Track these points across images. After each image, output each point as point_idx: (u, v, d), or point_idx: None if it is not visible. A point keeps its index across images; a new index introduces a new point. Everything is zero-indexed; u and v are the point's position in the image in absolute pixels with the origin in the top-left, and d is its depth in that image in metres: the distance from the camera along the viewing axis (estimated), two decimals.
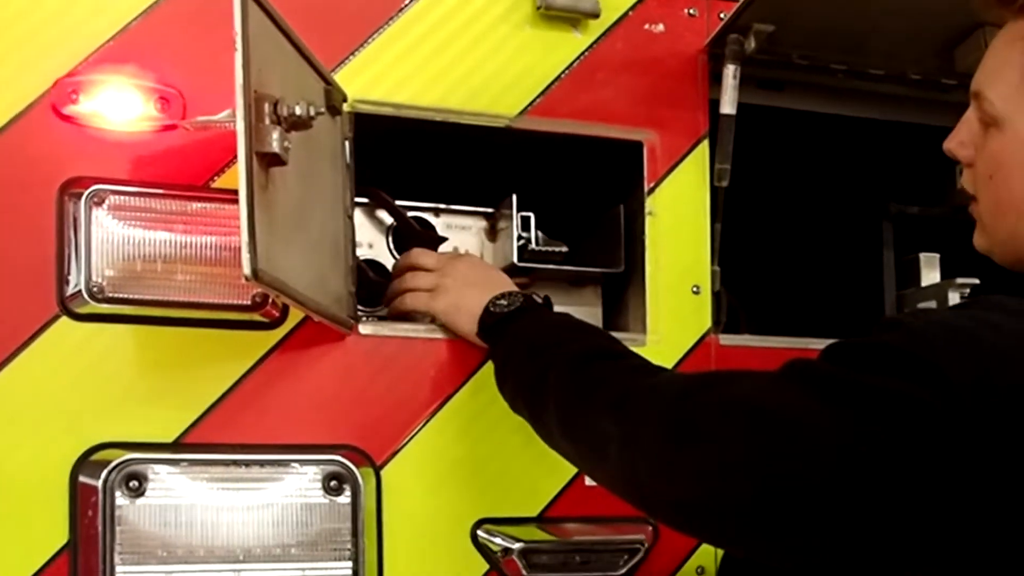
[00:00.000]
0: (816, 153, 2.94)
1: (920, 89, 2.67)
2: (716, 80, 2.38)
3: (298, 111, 1.78)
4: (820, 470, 1.43)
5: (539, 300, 2.10)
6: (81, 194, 1.94)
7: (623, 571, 2.26)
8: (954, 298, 2.65)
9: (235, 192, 1.71)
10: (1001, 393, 1.46)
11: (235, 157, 1.77)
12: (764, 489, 1.46)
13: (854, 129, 2.79)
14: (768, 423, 1.48)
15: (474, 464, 2.21)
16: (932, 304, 2.72)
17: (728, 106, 2.34)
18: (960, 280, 2.69)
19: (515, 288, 2.13)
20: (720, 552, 2.31)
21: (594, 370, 1.77)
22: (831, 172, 3.07)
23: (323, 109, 1.92)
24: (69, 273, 1.96)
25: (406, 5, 2.21)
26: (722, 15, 2.39)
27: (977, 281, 2.67)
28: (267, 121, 1.74)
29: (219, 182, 2.05)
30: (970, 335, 1.53)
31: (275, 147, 1.74)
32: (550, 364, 1.83)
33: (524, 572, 2.18)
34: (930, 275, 2.82)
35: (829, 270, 3.17)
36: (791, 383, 1.53)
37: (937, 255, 2.84)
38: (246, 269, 1.66)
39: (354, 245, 2.23)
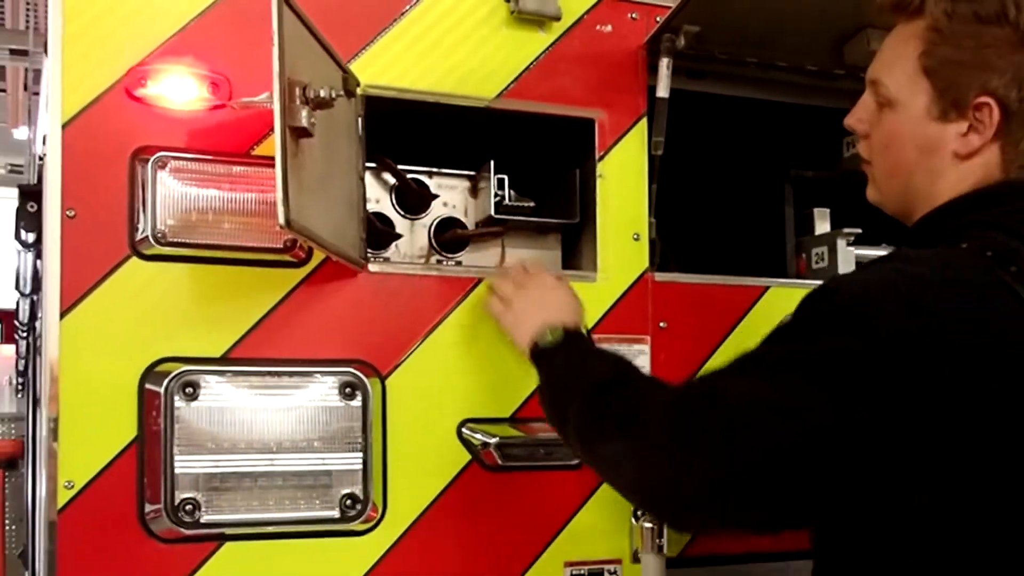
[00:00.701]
0: (732, 128, 2.92)
1: (815, 78, 2.67)
2: (653, 70, 2.38)
3: (322, 94, 1.82)
4: (790, 447, 1.43)
5: (581, 332, 1.99)
6: (148, 159, 2.00)
7: (578, 462, 2.23)
8: (841, 244, 2.65)
9: (271, 158, 1.75)
10: (922, 331, 1.47)
11: (271, 130, 1.80)
12: (758, 477, 1.44)
13: (762, 110, 2.77)
14: (743, 424, 1.46)
15: (460, 375, 2.22)
16: (824, 248, 2.72)
17: (662, 91, 2.35)
18: (846, 230, 2.70)
19: (569, 315, 2.01)
20: None
21: (604, 399, 1.69)
22: (744, 143, 3.05)
23: (341, 92, 1.94)
24: (138, 222, 1.99)
25: (407, 9, 2.22)
26: (658, 19, 2.39)
27: (860, 230, 2.69)
28: (298, 102, 1.78)
29: (258, 150, 2.08)
30: (893, 286, 1.54)
31: (304, 122, 1.78)
32: (571, 399, 1.77)
33: (499, 461, 2.21)
34: (822, 225, 2.83)
35: (742, 221, 3.16)
36: (750, 375, 1.53)
37: (828, 210, 2.86)
38: (280, 219, 1.71)
39: (365, 200, 2.24)
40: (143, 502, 1.97)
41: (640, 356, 2.35)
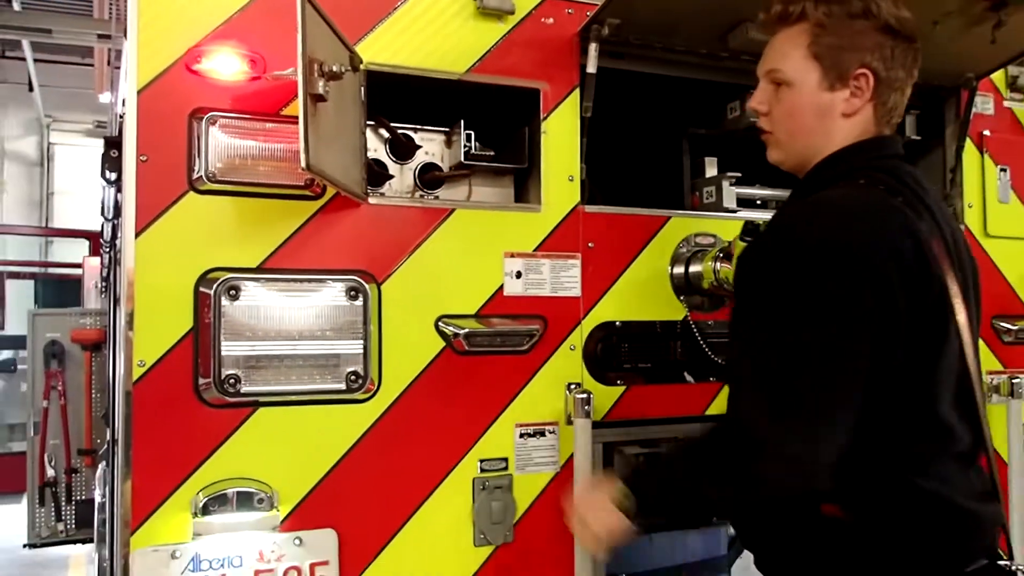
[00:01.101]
0: (644, 96, 2.96)
1: (706, 59, 2.76)
2: (584, 52, 2.48)
3: (335, 69, 1.97)
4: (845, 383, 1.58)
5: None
6: (202, 118, 2.14)
7: (526, 347, 2.41)
8: (726, 184, 2.74)
9: (295, 118, 1.91)
10: (873, 237, 1.62)
11: (295, 96, 1.97)
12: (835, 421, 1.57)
13: (666, 82, 2.82)
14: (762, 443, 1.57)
15: (437, 282, 2.33)
16: (712, 187, 2.80)
17: (591, 68, 2.45)
18: (729, 174, 2.79)
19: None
20: (584, 334, 2.47)
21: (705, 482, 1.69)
22: (652, 108, 3.10)
23: (349, 68, 2.07)
24: (194, 165, 2.13)
25: (399, 5, 2.34)
26: (588, 13, 2.49)
27: (740, 174, 2.79)
28: (316, 75, 1.92)
29: (285, 112, 2.20)
30: (842, 209, 1.67)
31: (320, 90, 1.93)
32: (700, 493, 1.72)
33: (466, 347, 2.33)
34: (711, 170, 2.90)
35: (652, 167, 3.21)
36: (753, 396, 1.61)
37: (715, 158, 2.93)
38: (303, 162, 1.87)
39: (366, 149, 2.34)
40: (197, 377, 2.10)
41: (573, 268, 2.47)
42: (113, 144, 2.81)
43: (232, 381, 2.10)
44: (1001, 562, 1.74)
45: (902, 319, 1.62)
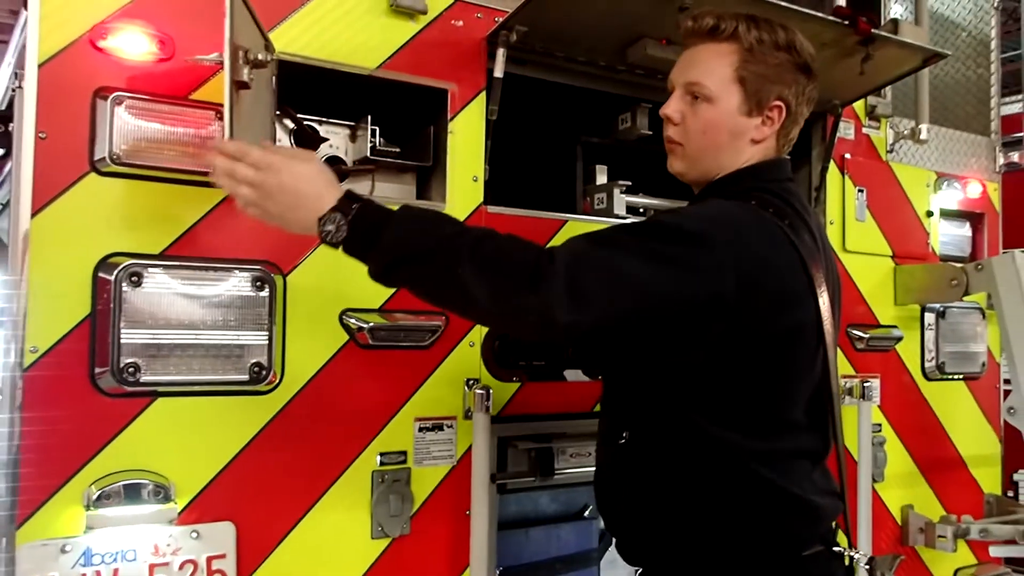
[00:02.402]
0: (543, 102, 3.00)
1: (604, 70, 2.84)
2: (491, 57, 2.54)
3: (259, 57, 1.93)
4: (640, 304, 1.63)
5: (371, 200, 1.71)
6: (108, 97, 2.07)
7: (428, 343, 2.44)
8: (616, 192, 2.84)
9: (205, 102, 1.96)
10: (741, 247, 1.70)
11: (205, 81, 2.02)
12: (616, 319, 1.63)
13: (566, 91, 2.89)
14: (614, 289, 1.61)
15: (342, 276, 2.29)
16: (604, 194, 2.91)
17: (498, 72, 2.51)
18: (621, 182, 2.90)
19: (336, 189, 1.70)
20: (483, 330, 2.51)
21: (497, 259, 1.63)
22: (551, 114, 3.16)
23: (270, 57, 2.05)
24: (97, 146, 2.06)
25: None
26: (496, 19, 2.54)
27: (630, 183, 2.90)
28: (241, 62, 1.88)
29: (195, 96, 2.15)
30: (726, 219, 1.76)
31: (245, 78, 1.89)
32: (452, 264, 1.62)
33: (370, 341, 2.34)
34: (601, 178, 3.02)
35: (549, 172, 3.30)
36: (621, 253, 1.65)
37: (606, 166, 3.04)
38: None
39: (275, 136, 2.31)
40: (93, 365, 2.03)
41: None
42: (1, 119, 2.64)
43: (131, 370, 2.05)
44: (836, 549, 1.87)
45: (765, 323, 1.73)
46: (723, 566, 1.79)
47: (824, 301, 1.80)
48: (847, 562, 1.86)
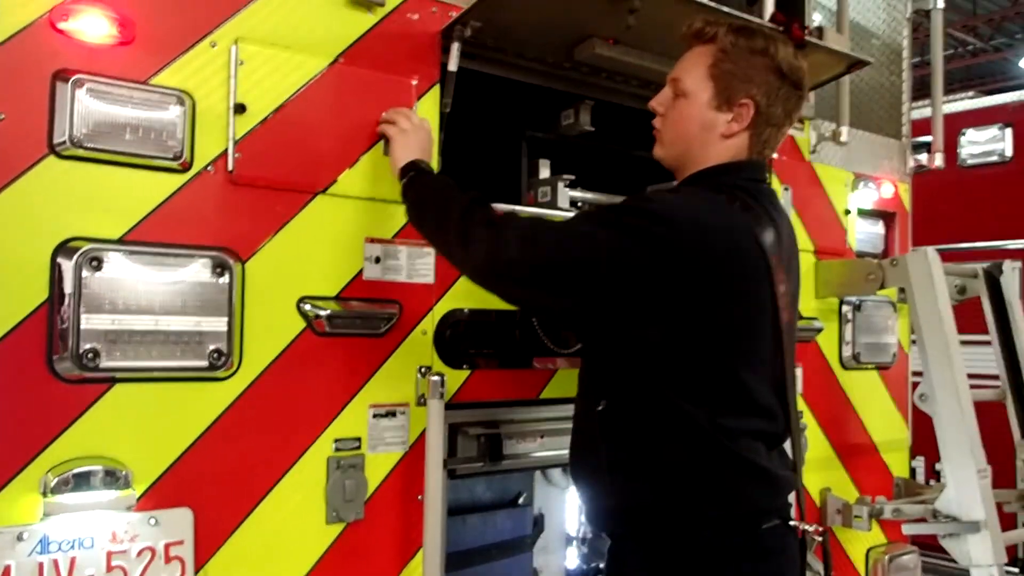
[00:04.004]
0: (493, 97, 3.09)
1: (551, 67, 2.95)
2: (445, 51, 2.60)
3: None
4: (576, 261, 1.90)
5: (431, 169, 2.35)
6: (68, 79, 2.05)
7: (383, 330, 2.49)
8: (560, 186, 2.96)
9: (165, 87, 2.09)
10: (697, 232, 1.89)
11: (167, 64, 2.13)
12: (552, 275, 1.95)
13: (514, 86, 2.98)
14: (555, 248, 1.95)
15: (300, 264, 2.36)
16: (548, 188, 3.01)
17: (452, 66, 2.59)
18: (564, 176, 3.02)
19: (428, 155, 2.38)
20: (436, 319, 2.60)
21: (476, 213, 2.11)
22: (499, 109, 3.24)
23: None
24: (56, 128, 2.05)
25: None
26: (451, 14, 2.61)
27: (573, 177, 3.02)
28: None
29: (155, 80, 2.16)
30: (687, 206, 1.96)
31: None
32: (450, 209, 2.15)
33: (327, 329, 2.38)
34: (544, 172, 3.12)
35: (495, 164, 3.32)
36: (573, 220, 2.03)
37: (549, 161, 3.15)
38: None
39: None
40: (51, 351, 2.02)
41: (427, 256, 2.57)
42: None
43: (91, 355, 2.05)
44: (792, 523, 2.03)
45: (723, 305, 1.89)
46: (687, 536, 1.92)
47: (782, 288, 1.94)
48: (800, 535, 2.01)
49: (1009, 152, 5.98)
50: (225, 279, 2.23)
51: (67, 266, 2.05)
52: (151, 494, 2.15)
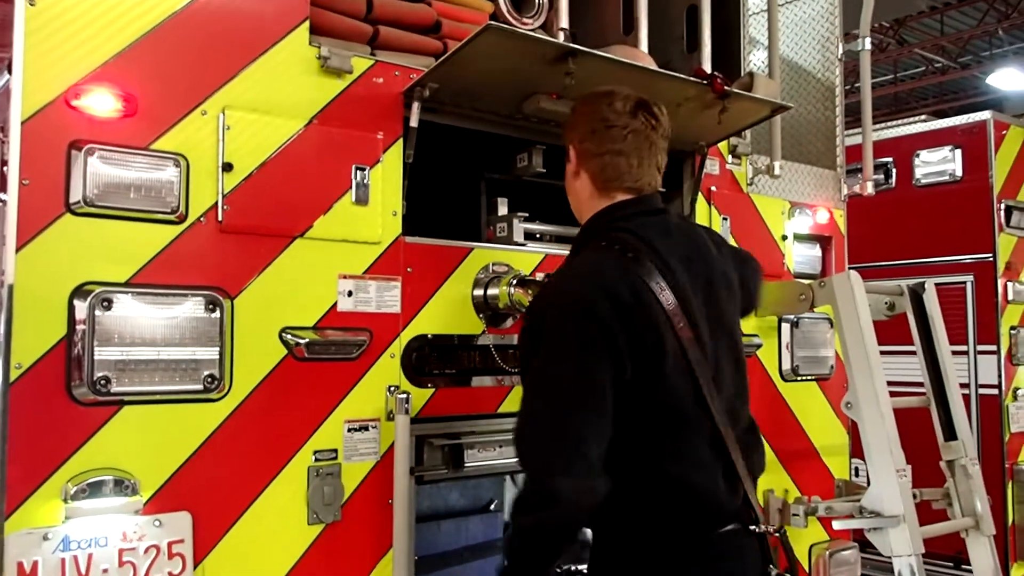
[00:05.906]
0: (454, 145, 3.30)
1: (504, 118, 3.22)
2: (407, 108, 2.87)
3: None
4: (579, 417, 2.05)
5: None
6: (81, 148, 2.35)
7: (355, 355, 2.76)
8: (516, 222, 3.20)
9: (164, 152, 2.35)
10: (609, 300, 2.06)
11: (165, 132, 2.42)
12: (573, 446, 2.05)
13: (472, 135, 3.22)
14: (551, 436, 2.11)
15: (281, 299, 2.63)
16: (505, 224, 3.25)
17: (413, 121, 2.86)
18: (520, 213, 3.27)
19: None
20: (403, 343, 2.86)
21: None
22: (460, 154, 3.47)
23: None
24: (72, 190, 2.33)
25: (256, 58, 2.65)
26: (412, 76, 2.88)
27: (527, 213, 3.25)
28: None
29: (155, 146, 2.46)
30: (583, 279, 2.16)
31: None
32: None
33: (306, 355, 2.64)
34: (502, 209, 3.35)
35: (457, 204, 3.61)
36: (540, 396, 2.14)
37: (506, 199, 3.39)
38: None
39: None
40: (70, 378, 2.30)
41: (394, 289, 2.85)
42: None
43: (104, 382, 2.33)
44: (752, 527, 2.22)
45: (624, 347, 2.06)
46: (644, 547, 2.15)
47: (678, 314, 2.13)
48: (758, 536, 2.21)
49: (959, 172, 6.24)
50: (216, 314, 2.51)
51: (82, 306, 2.33)
52: (155, 500, 2.43)
